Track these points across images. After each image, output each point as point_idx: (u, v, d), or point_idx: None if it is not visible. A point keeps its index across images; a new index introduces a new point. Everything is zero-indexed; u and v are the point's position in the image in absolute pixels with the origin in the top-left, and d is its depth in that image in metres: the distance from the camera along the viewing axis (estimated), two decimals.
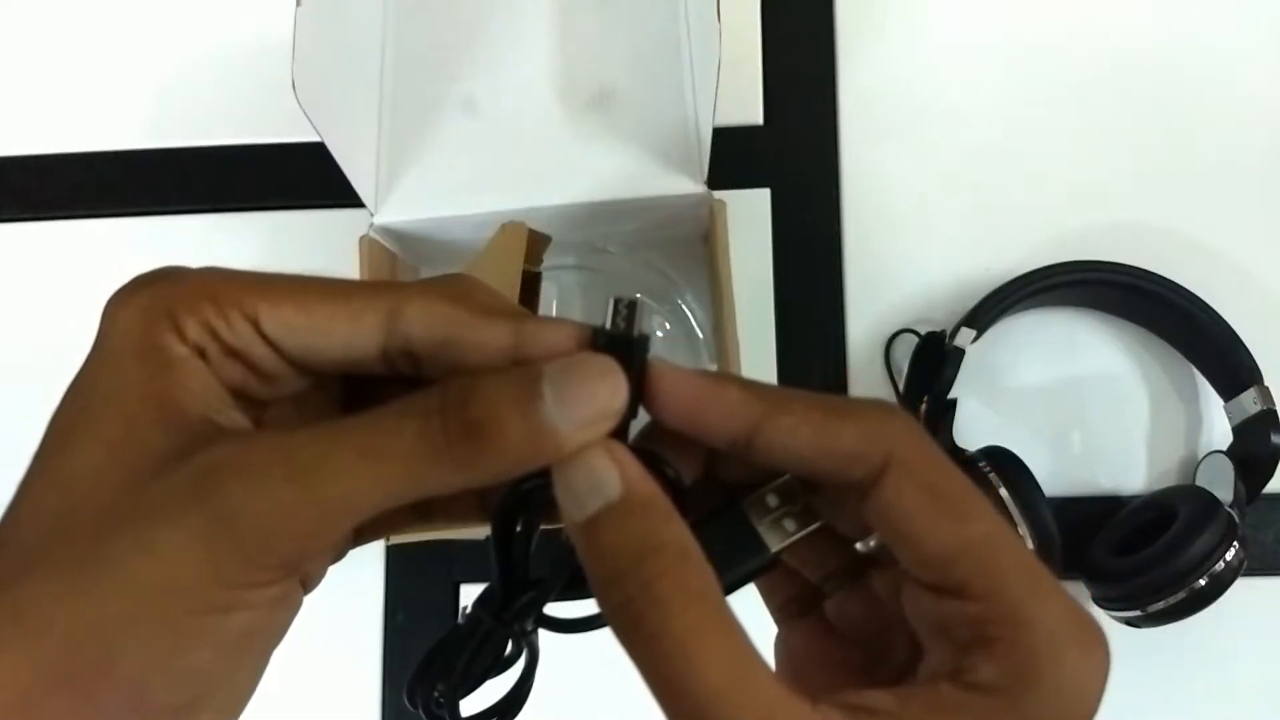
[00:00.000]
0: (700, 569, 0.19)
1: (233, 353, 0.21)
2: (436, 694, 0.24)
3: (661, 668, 0.18)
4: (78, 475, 0.19)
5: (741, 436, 0.21)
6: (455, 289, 0.22)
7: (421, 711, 0.24)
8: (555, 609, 0.24)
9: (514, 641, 0.24)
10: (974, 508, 0.21)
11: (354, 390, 0.24)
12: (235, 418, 0.21)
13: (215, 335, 0.20)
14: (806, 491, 0.23)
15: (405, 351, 0.21)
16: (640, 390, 0.21)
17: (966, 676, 0.19)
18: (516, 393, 0.19)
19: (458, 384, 0.19)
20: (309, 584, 0.22)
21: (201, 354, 0.20)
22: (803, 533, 0.23)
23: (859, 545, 0.24)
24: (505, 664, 0.24)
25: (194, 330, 0.20)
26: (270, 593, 0.20)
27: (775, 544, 0.23)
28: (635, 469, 0.20)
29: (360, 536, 0.23)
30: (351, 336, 0.21)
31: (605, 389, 0.20)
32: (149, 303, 0.21)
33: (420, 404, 0.19)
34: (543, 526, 0.23)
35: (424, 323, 0.21)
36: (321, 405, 0.23)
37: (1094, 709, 0.20)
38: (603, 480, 0.20)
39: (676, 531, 0.20)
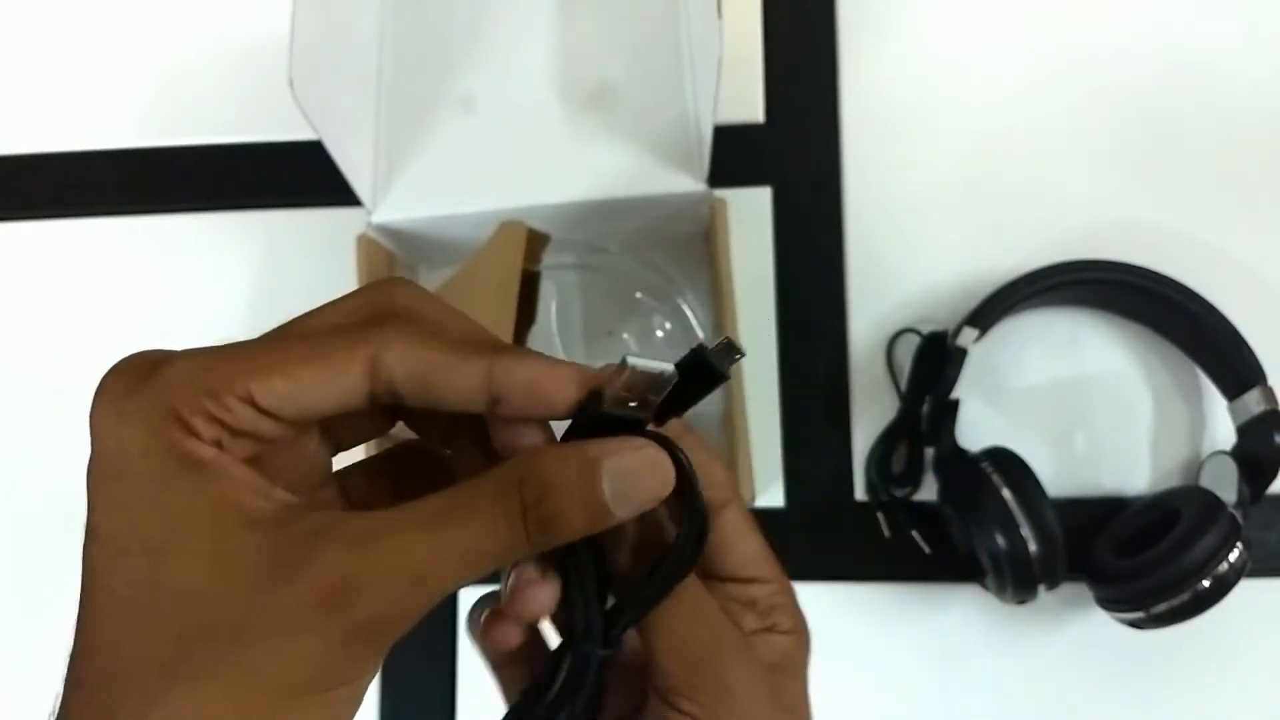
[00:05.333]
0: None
1: (240, 433, 0.22)
2: None
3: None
4: (187, 591, 0.21)
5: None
6: (430, 325, 0.23)
7: None
8: None
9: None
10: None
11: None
12: (285, 495, 0.22)
13: (222, 424, 0.21)
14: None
15: (390, 393, 0.23)
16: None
17: (776, 629, 0.28)
18: (583, 491, 0.22)
19: (532, 481, 0.22)
20: None
21: (218, 445, 0.22)
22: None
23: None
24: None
25: (204, 427, 0.21)
26: (376, 664, 0.23)
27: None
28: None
29: None
30: (340, 393, 0.22)
31: (656, 482, 0.23)
32: (150, 411, 0.21)
33: (503, 504, 0.22)
34: None
35: (403, 369, 0.22)
36: (317, 445, 0.25)
37: None
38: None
39: None
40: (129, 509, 0.21)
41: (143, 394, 0.21)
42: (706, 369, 0.23)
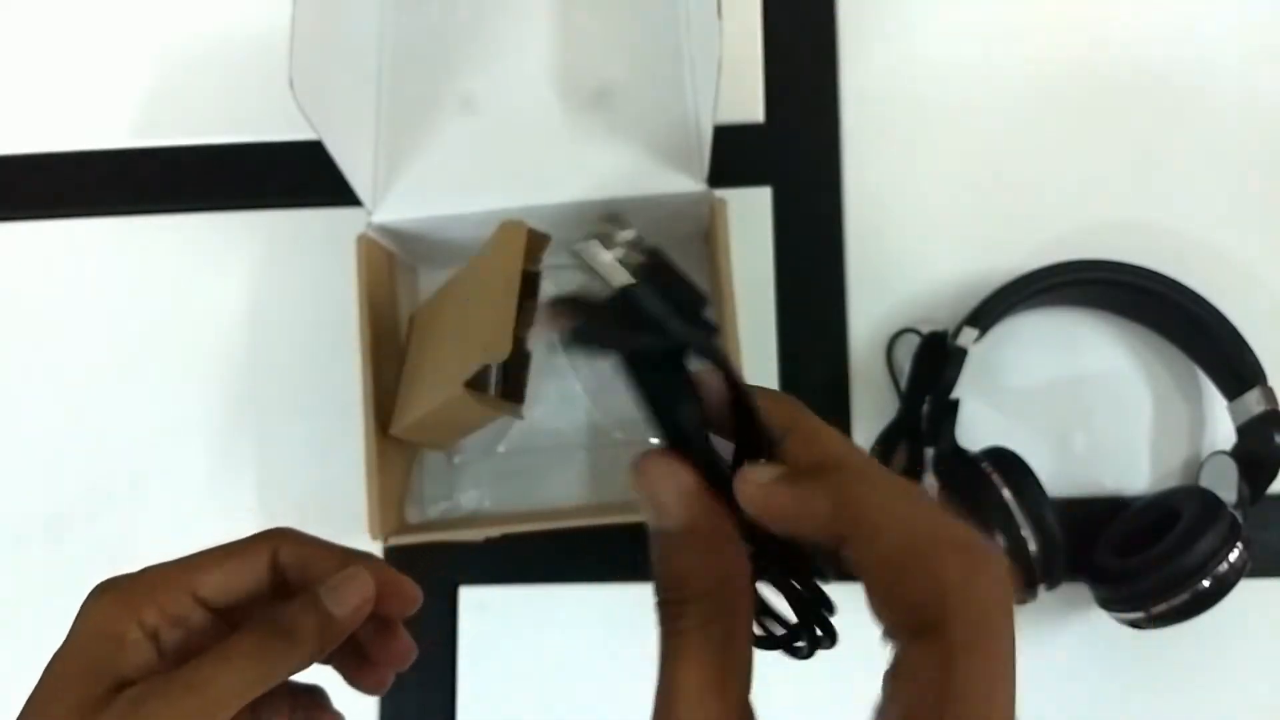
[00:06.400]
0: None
1: (176, 621, 0.31)
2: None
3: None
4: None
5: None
6: (305, 534, 0.33)
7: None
8: None
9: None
10: None
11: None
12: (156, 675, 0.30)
13: (166, 614, 0.30)
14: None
15: (282, 577, 0.32)
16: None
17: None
18: (308, 604, 0.31)
19: (270, 610, 0.31)
20: None
21: (154, 634, 0.30)
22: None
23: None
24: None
25: (152, 616, 0.30)
26: None
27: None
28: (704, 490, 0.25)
29: None
30: (253, 579, 0.32)
31: (358, 590, 0.32)
32: (114, 600, 0.30)
33: (252, 625, 0.30)
34: None
35: (292, 558, 0.32)
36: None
37: None
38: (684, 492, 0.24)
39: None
40: (57, 663, 0.30)
41: (117, 589, 0.30)
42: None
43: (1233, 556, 0.48)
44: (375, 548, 0.56)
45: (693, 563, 0.24)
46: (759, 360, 0.59)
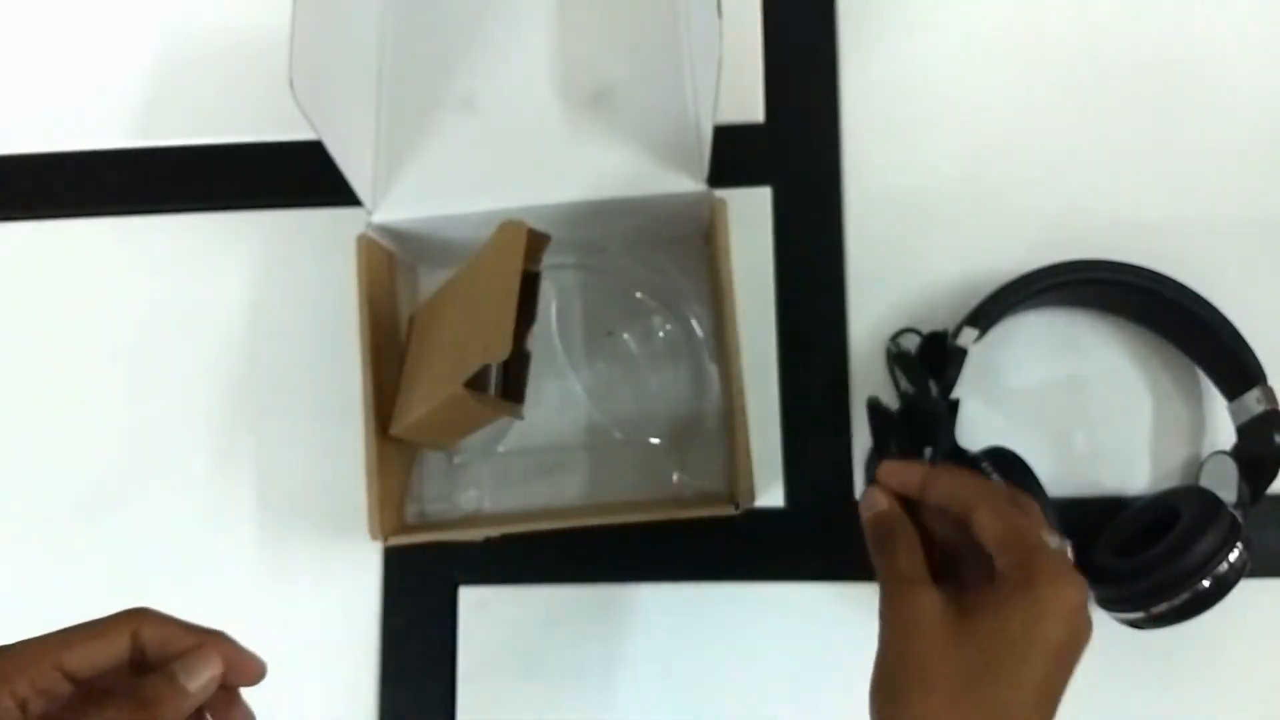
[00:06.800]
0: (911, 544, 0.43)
1: (43, 692, 0.34)
2: None
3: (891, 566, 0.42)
4: None
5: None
6: (163, 614, 0.37)
7: None
8: None
9: None
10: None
11: None
12: None
13: (34, 686, 0.33)
14: None
15: (141, 653, 0.36)
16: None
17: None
18: (164, 678, 0.35)
19: (132, 684, 0.34)
20: None
21: (24, 704, 0.33)
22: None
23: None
24: None
25: (23, 688, 0.33)
26: None
27: None
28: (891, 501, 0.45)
29: None
30: (115, 654, 0.35)
31: (209, 666, 0.36)
32: None
33: (114, 697, 0.34)
34: None
35: (152, 636, 0.36)
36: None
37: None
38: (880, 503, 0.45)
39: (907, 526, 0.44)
40: None
41: None
42: None
43: (1233, 556, 0.48)
44: (375, 548, 0.56)
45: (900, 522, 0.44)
46: (760, 360, 0.59)
